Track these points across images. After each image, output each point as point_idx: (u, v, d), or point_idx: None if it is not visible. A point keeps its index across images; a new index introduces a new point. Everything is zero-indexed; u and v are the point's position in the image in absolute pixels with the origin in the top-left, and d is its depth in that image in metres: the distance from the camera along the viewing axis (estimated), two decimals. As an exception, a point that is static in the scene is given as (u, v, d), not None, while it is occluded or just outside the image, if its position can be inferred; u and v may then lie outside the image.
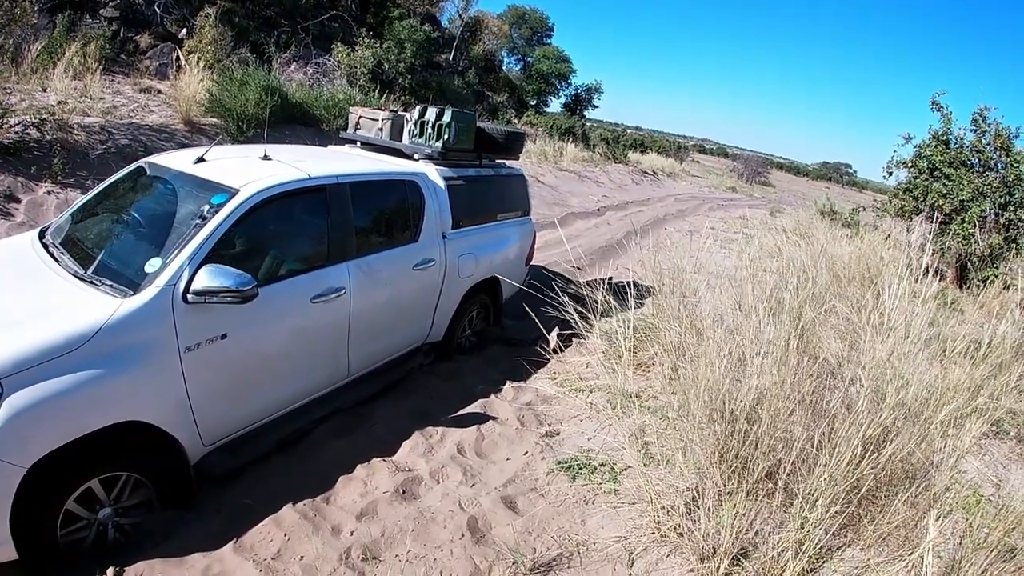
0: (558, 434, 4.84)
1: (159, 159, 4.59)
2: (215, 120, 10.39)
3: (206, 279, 3.37)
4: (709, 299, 5.57)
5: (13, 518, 2.91)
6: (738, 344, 4.30)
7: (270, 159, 4.42)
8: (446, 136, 5.68)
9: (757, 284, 5.52)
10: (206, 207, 3.71)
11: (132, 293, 3.34)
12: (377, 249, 4.77)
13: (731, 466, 3.69)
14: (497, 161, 6.61)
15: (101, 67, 11.13)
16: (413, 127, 5.91)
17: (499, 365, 6.04)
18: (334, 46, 16.90)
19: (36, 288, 3.55)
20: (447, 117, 5.68)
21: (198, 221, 3.63)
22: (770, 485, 3.69)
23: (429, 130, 5.77)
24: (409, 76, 18.97)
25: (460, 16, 28.35)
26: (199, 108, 10.34)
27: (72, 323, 3.13)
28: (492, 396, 5.33)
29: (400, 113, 6.21)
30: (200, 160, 4.28)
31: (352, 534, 3.62)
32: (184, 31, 14.44)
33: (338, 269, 4.38)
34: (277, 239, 4.15)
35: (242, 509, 3.72)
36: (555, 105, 40.72)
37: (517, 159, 6.93)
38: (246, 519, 3.64)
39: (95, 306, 3.27)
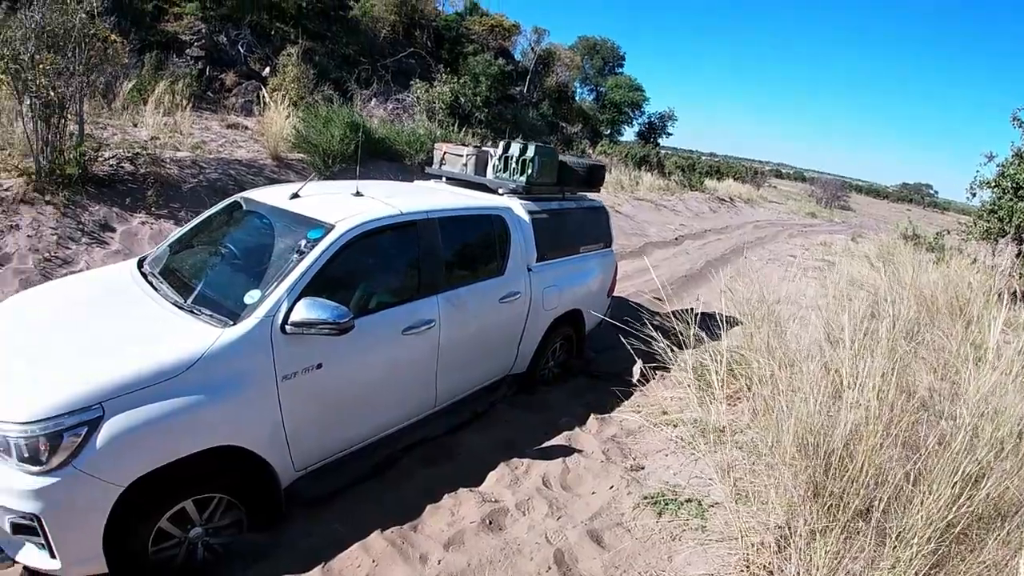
0: (643, 468, 4.77)
1: (254, 194, 4.79)
2: (301, 155, 10.75)
3: (304, 311, 3.48)
4: (796, 330, 5.43)
5: (106, 534, 3.04)
6: (831, 377, 4.17)
7: (362, 195, 4.58)
8: (530, 171, 5.75)
9: (845, 315, 5.36)
10: (303, 242, 3.84)
11: (232, 323, 3.47)
12: (465, 282, 4.85)
13: (825, 503, 3.57)
14: (579, 193, 6.64)
15: (191, 104, 11.66)
16: (497, 162, 6.01)
17: (583, 397, 6.00)
18: (412, 82, 17.34)
19: (137, 315, 3.72)
20: (530, 152, 5.76)
21: (296, 255, 3.76)
22: (861, 523, 3.55)
23: (513, 165, 5.86)
24: (485, 109, 19.26)
25: (532, 49, 28.65)
26: (286, 144, 10.74)
27: (174, 351, 3.27)
28: (577, 429, 5.29)
29: (484, 149, 6.32)
30: (295, 196, 4.46)
31: (440, 563, 3.61)
32: (267, 69, 15.05)
33: (428, 302, 4.47)
34: (370, 273, 4.26)
35: (331, 534, 3.77)
36: (629, 134, 40.71)
37: (598, 191, 6.95)
38: (335, 544, 3.68)
39: (196, 335, 3.41)
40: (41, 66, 7.33)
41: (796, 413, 3.88)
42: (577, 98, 35.27)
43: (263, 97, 13.38)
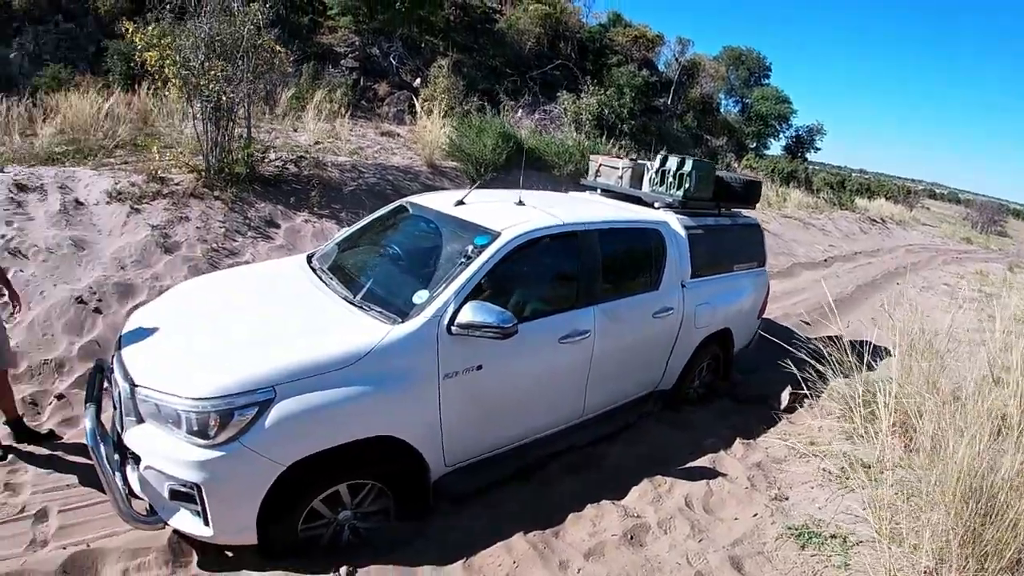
0: (788, 498, 4.60)
1: (420, 199, 5.02)
2: (455, 164, 11.08)
3: (471, 314, 3.60)
4: (958, 365, 5.11)
5: (262, 508, 3.25)
6: (995, 418, 3.92)
7: (524, 204, 4.69)
8: (687, 185, 5.69)
9: (1014, 353, 5.00)
10: (470, 247, 3.99)
11: (400, 321, 3.65)
12: (621, 295, 4.86)
13: (979, 551, 3.35)
14: (734, 210, 6.51)
15: (349, 112, 12.29)
16: (654, 176, 5.97)
17: (728, 420, 5.85)
18: (559, 94, 17.48)
19: (308, 307, 3.98)
20: (688, 166, 5.70)
21: (463, 260, 3.91)
22: None
23: (670, 179, 5.80)
24: (631, 121, 19.16)
25: (676, 60, 28.21)
26: (440, 152, 11.11)
27: (344, 343, 3.47)
28: (721, 451, 5.15)
29: (640, 161, 6.31)
30: (460, 203, 4.63)
31: (579, 572, 3.62)
32: (418, 80, 15.60)
33: (585, 312, 4.50)
34: (531, 280, 4.37)
35: (474, 531, 3.85)
36: (775, 148, 39.26)
37: (754, 208, 6.79)
38: (477, 541, 3.75)
39: (366, 329, 3.60)
40: (212, 72, 7.95)
41: (960, 454, 3.66)
42: (722, 110, 34.46)
43: (414, 107, 13.90)
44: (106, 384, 4.07)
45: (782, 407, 5.30)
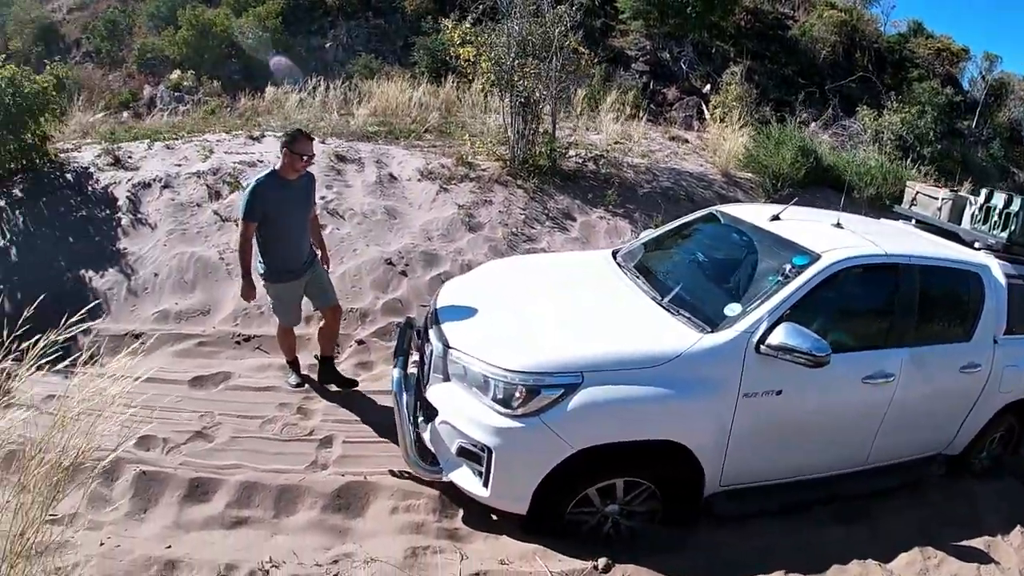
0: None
1: (731, 210, 4.98)
2: (749, 175, 10.78)
3: (783, 336, 3.49)
4: None
5: (541, 483, 3.43)
6: None
7: (842, 228, 4.46)
8: (1012, 227, 5.09)
9: None
10: (787, 266, 3.88)
11: (710, 330, 3.66)
12: (930, 341, 4.45)
13: None
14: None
15: (645, 115, 12.51)
16: (976, 212, 5.44)
17: (1011, 502, 5.13)
18: (858, 108, 16.38)
19: (617, 302, 4.13)
20: (1016, 205, 5.06)
21: (779, 278, 3.82)
22: None
23: (995, 218, 5.26)
24: (936, 144, 17.49)
25: (983, 78, 25.23)
26: (735, 162, 10.87)
27: (655, 343, 3.57)
28: (998, 536, 4.58)
29: (961, 194, 5.78)
30: (776, 218, 4.53)
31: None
32: (708, 87, 15.39)
33: (892, 354, 4.19)
34: (843, 310, 4.18)
35: (735, 558, 3.80)
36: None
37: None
38: (738, 570, 3.71)
39: (675, 333, 3.66)
40: (524, 69, 8.45)
41: None
42: (1033, 139, 30.55)
43: (703, 113, 13.77)
44: (413, 341, 4.53)
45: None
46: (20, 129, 7.55)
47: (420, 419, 3.96)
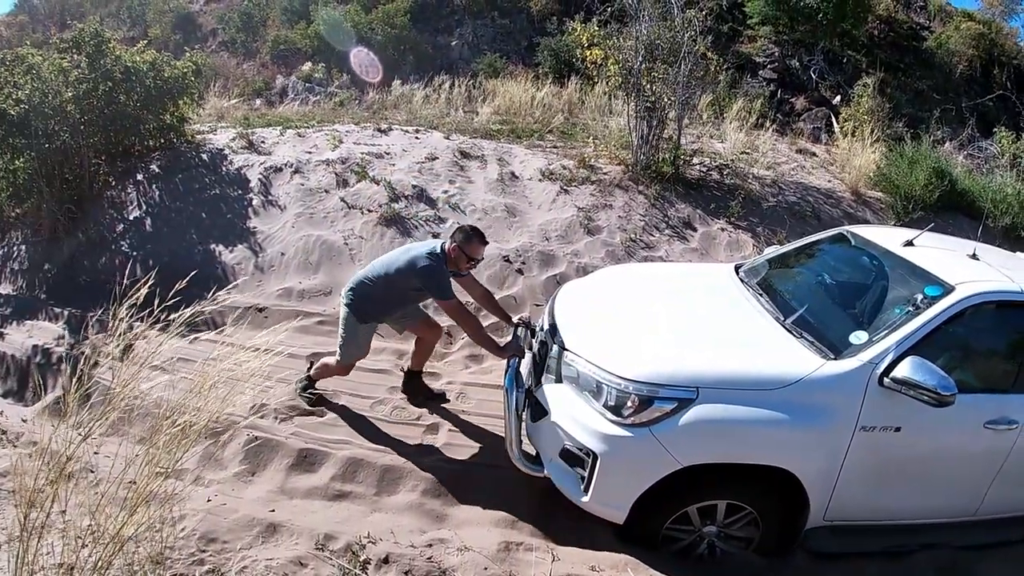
0: None
1: (863, 232, 4.80)
2: (880, 194, 10.29)
3: (909, 370, 3.32)
4: None
5: (643, 495, 3.41)
6: None
7: (978, 259, 4.21)
8: None
9: None
10: (919, 296, 3.71)
11: (833, 357, 3.54)
12: None
13: None
14: None
15: (773, 125, 12.16)
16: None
17: None
18: (996, 129, 15.36)
19: (738, 319, 4.05)
20: None
21: (910, 308, 3.65)
22: None
23: None
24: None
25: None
26: (866, 179, 10.38)
27: (776, 366, 3.49)
28: None
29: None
30: (909, 243, 4.33)
31: None
32: (838, 98, 14.81)
33: (1019, 400, 3.86)
34: (971, 348, 3.91)
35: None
36: None
37: None
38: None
39: (798, 357, 3.56)
40: (652, 74, 8.38)
41: None
42: None
43: (831, 125, 13.25)
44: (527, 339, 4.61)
45: None
46: (160, 110, 8.28)
47: (528, 417, 4.01)
